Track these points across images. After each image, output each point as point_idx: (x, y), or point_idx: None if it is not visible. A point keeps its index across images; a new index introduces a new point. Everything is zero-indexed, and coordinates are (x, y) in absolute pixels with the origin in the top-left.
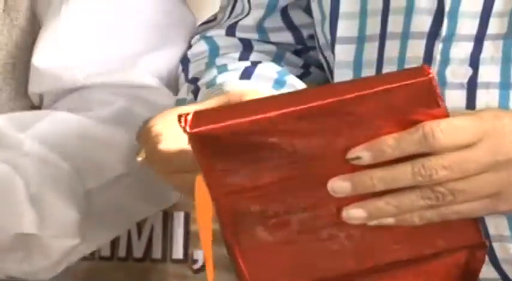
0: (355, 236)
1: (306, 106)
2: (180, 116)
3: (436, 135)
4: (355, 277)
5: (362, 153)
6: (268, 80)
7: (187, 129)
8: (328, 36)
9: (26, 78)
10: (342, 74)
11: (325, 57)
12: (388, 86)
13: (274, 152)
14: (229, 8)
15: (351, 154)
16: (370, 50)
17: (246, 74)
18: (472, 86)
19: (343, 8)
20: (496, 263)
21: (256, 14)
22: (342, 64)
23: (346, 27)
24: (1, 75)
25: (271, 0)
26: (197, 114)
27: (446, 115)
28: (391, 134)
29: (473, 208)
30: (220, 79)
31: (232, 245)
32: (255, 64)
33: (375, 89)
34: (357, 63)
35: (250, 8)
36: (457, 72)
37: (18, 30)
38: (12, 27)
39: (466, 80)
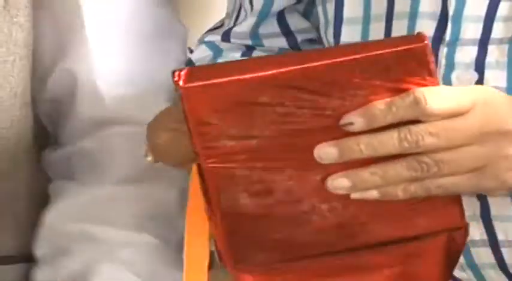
0: (337, 211)
1: (299, 67)
2: (174, 72)
3: (427, 100)
4: (335, 255)
5: (355, 118)
6: None
7: (181, 83)
8: (332, 41)
9: (24, 76)
10: None
11: None
12: (381, 51)
13: (265, 113)
14: (235, 14)
15: (344, 120)
16: None
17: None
18: None
19: (347, 13)
20: (504, 269)
21: (250, 21)
22: None
23: (349, 32)
24: (1, 73)
25: (264, 7)
26: (191, 70)
27: (437, 85)
28: (383, 100)
29: (457, 182)
30: None
31: (214, 213)
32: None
33: (368, 54)
34: None
35: (251, 14)
36: (463, 77)
37: (18, 28)
38: (12, 24)
39: (472, 85)
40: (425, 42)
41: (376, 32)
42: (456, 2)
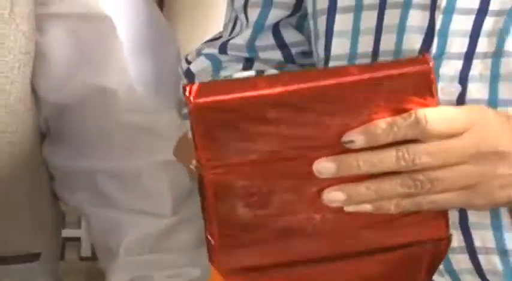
0: (329, 221)
1: (305, 86)
2: (185, 87)
3: (428, 120)
4: (323, 262)
5: (356, 136)
6: None
7: (191, 99)
8: (322, 54)
9: (26, 82)
10: None
11: None
12: (387, 73)
13: (270, 129)
14: (231, 25)
15: (346, 137)
16: None
17: None
18: (460, 103)
19: (337, 26)
20: (481, 275)
21: (246, 33)
22: None
23: (339, 45)
24: (9, 79)
25: (259, 19)
26: (202, 85)
27: (437, 105)
28: (384, 119)
29: (449, 198)
30: None
31: (210, 219)
32: (258, 73)
33: (373, 75)
34: None
35: (247, 27)
36: (447, 89)
37: (22, 35)
38: (17, 32)
39: (455, 97)
40: (430, 64)
41: (365, 45)
42: (443, 16)
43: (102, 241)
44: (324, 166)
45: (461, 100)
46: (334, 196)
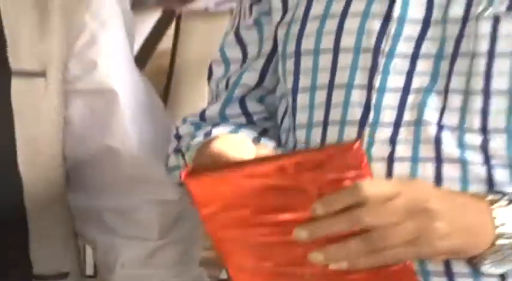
0: (319, 274)
1: (271, 164)
2: (182, 169)
3: (363, 188)
4: None
5: (316, 207)
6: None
7: (182, 177)
8: (292, 123)
9: (58, 143)
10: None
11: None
12: (328, 153)
13: (248, 201)
14: (212, 101)
15: (312, 207)
16: (316, 135)
17: (207, 135)
18: (390, 160)
19: (299, 103)
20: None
21: (218, 105)
22: (300, 143)
23: (300, 116)
24: (44, 143)
25: (229, 94)
26: (193, 168)
27: (372, 177)
28: (332, 193)
29: (402, 252)
30: (193, 142)
31: (228, 268)
32: (213, 126)
33: (317, 156)
34: (308, 144)
35: (220, 100)
36: (380, 150)
37: (53, 111)
38: (50, 107)
39: (386, 155)
40: (361, 146)
41: (319, 116)
42: (377, 95)
43: (103, 259)
44: (299, 233)
45: (391, 157)
46: (315, 257)
